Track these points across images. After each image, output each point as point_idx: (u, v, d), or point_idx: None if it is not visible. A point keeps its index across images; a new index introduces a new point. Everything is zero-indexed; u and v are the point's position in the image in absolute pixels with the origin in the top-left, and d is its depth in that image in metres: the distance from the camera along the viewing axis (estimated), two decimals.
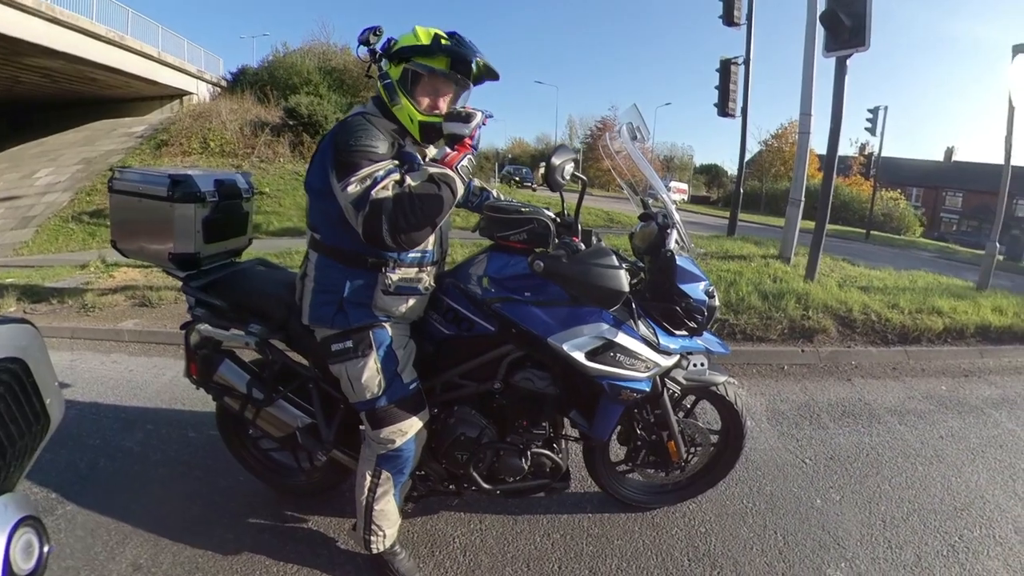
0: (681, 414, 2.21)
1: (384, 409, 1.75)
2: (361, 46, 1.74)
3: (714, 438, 2.30)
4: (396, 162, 1.60)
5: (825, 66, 6.59)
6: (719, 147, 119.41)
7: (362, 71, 1.84)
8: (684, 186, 42.52)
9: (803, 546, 2.35)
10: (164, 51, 18.94)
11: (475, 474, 1.96)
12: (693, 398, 2.30)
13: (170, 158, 14.63)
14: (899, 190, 39.30)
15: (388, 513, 1.87)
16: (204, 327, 2.03)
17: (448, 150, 1.61)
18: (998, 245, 8.92)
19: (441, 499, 2.30)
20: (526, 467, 1.96)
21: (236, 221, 2.29)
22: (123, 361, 4.27)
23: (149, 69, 18.04)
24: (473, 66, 1.70)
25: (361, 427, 1.89)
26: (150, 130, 16.89)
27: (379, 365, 1.73)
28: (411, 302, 1.78)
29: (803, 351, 4.78)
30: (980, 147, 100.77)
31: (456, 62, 1.67)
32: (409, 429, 1.78)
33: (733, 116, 11.30)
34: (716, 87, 11.19)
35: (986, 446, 3.55)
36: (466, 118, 1.60)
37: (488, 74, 1.78)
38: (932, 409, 4.08)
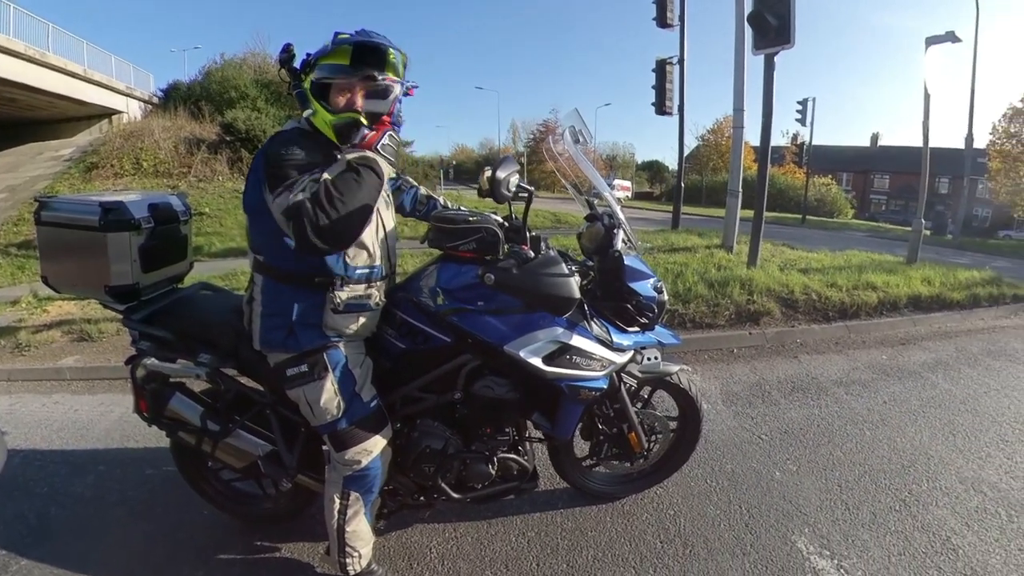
0: (639, 405, 2.28)
1: (346, 430, 1.72)
2: (282, 68, 1.67)
3: (673, 424, 2.39)
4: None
5: (755, 63, 6.88)
6: (659, 144, 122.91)
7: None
8: (628, 183, 43.36)
9: (767, 517, 2.47)
10: (90, 68, 17.84)
11: (444, 485, 1.97)
12: (650, 389, 2.37)
13: (101, 182, 13.89)
14: (830, 176, 41.49)
15: (361, 533, 1.85)
16: (150, 361, 1.94)
17: (366, 131, 1.53)
18: (923, 221, 9.55)
19: (414, 511, 2.29)
20: (493, 473, 1.98)
21: (175, 246, 2.18)
22: (66, 401, 4.04)
23: (74, 87, 16.95)
24: (382, 53, 1.61)
25: (325, 448, 1.86)
26: (78, 152, 16.04)
27: (336, 386, 1.70)
28: (363, 319, 1.75)
29: (750, 334, 4.98)
30: (903, 132, 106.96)
31: (359, 54, 1.58)
32: (374, 448, 1.77)
33: (670, 114, 11.70)
34: (653, 87, 11.59)
35: (926, 406, 3.83)
36: (382, 92, 1.56)
37: (399, 57, 1.68)
38: (874, 377, 4.35)
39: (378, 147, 1.52)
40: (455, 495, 2.00)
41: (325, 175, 1.46)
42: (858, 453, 3.10)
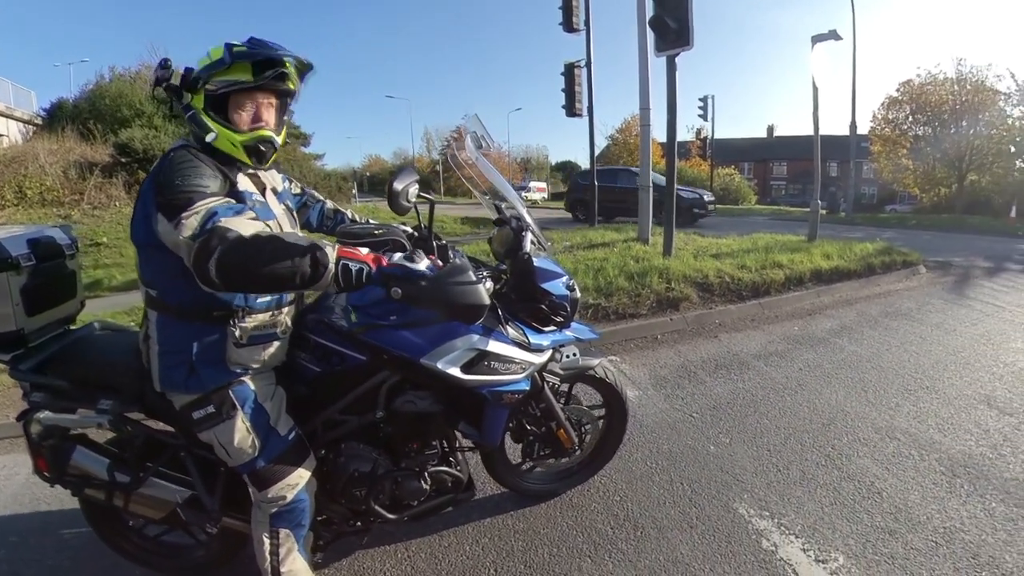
0: (563, 401, 2.31)
1: (266, 468, 1.63)
2: (158, 86, 1.54)
3: (599, 414, 2.44)
4: (232, 200, 1.42)
5: (659, 64, 7.19)
6: (572, 145, 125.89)
7: None
8: (544, 185, 44.17)
9: (708, 489, 2.60)
10: None
11: (377, 507, 1.90)
12: (572, 384, 2.40)
13: None
14: (733, 166, 44.10)
15: (297, 571, 1.75)
16: (45, 415, 1.75)
17: (366, 249, 1.37)
18: (819, 202, 10.36)
19: (358, 537, 2.20)
20: (427, 488, 1.94)
21: (62, 284, 1.96)
22: None
23: None
24: (282, 63, 1.53)
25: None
26: None
27: (249, 424, 1.60)
28: (270, 349, 1.66)
29: (672, 319, 5.19)
30: (796, 122, 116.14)
31: (260, 66, 1.50)
32: (298, 481, 1.68)
33: (580, 115, 12.07)
34: (563, 90, 11.90)
35: (837, 368, 4.18)
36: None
37: (301, 66, 1.60)
38: (789, 348, 4.66)
39: (347, 263, 1.29)
40: (391, 516, 1.94)
41: (281, 228, 1.38)
42: (782, 418, 3.32)
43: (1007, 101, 26.20)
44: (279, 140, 1.63)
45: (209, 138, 1.51)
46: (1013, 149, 26.12)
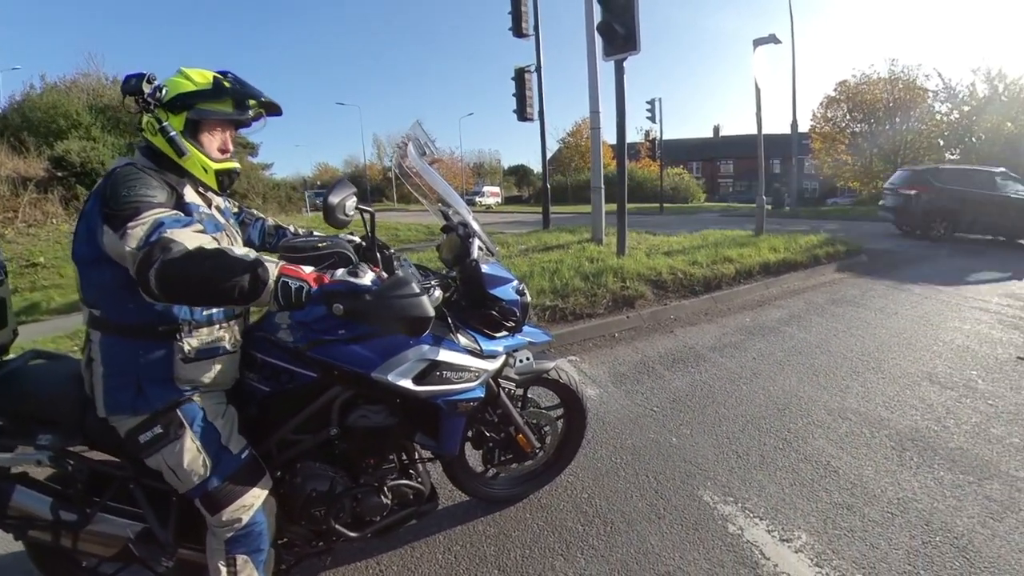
0: (521, 405, 2.31)
1: (219, 489, 1.56)
2: (128, 96, 1.51)
3: (558, 414, 2.45)
4: (179, 212, 1.43)
5: (608, 68, 7.30)
6: (524, 149, 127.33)
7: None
8: (497, 189, 44.35)
9: (673, 480, 2.65)
10: None
11: (339, 526, 1.85)
12: (529, 388, 2.39)
13: None
14: (682, 166, 45.47)
15: None
16: None
17: (310, 268, 1.37)
18: (764, 198, 10.78)
19: (335, 555, 2.16)
20: (388, 502, 1.90)
21: None
22: None
23: None
24: (259, 104, 1.64)
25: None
26: None
27: (199, 443, 1.55)
28: (219, 365, 1.61)
29: (628, 317, 5.26)
30: (741, 121, 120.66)
31: (240, 100, 1.60)
32: (253, 501, 1.61)
33: (532, 120, 12.16)
34: (514, 94, 11.97)
35: (789, 355, 4.33)
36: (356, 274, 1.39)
37: (272, 109, 1.71)
38: (742, 338, 4.79)
39: (288, 281, 1.28)
40: (353, 534, 1.89)
41: (230, 244, 1.37)
42: (739, 406, 3.41)
43: (935, 98, 28.09)
44: (239, 169, 1.71)
45: (183, 159, 1.54)
46: (942, 143, 28.04)
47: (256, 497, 1.62)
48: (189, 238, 1.28)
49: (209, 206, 1.67)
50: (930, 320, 5.38)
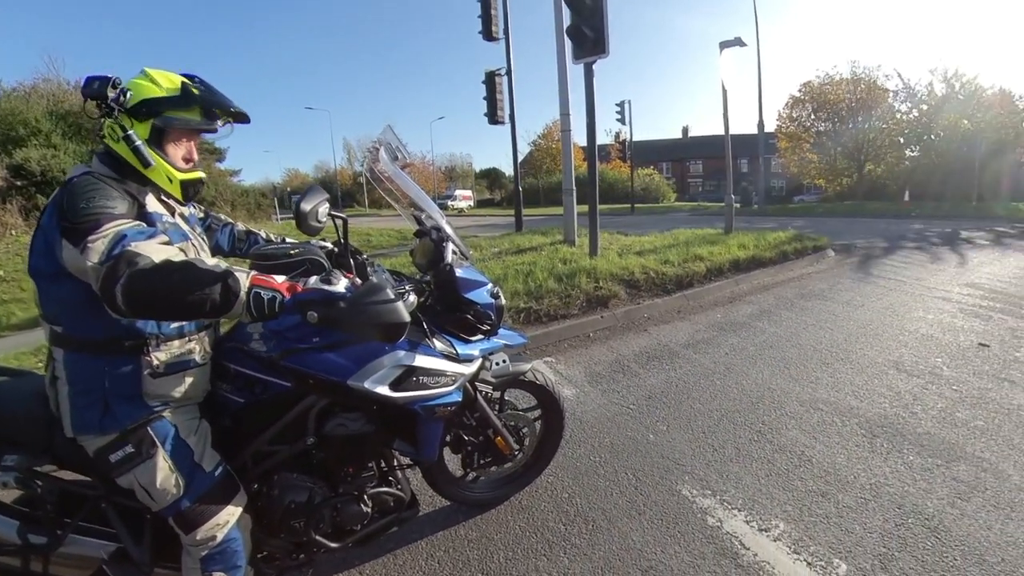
0: (498, 408, 2.30)
1: (192, 508, 1.53)
2: (90, 100, 1.46)
3: (535, 415, 2.46)
4: (142, 223, 1.38)
5: (577, 71, 7.35)
6: (495, 152, 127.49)
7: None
8: (469, 192, 44.29)
9: (652, 476, 2.67)
10: None
11: (319, 537, 1.82)
12: (505, 390, 2.39)
13: None
14: (652, 166, 46.15)
15: None
16: None
17: (282, 277, 1.35)
18: (733, 197, 11.00)
19: (317, 566, 2.12)
20: (368, 511, 1.88)
21: None
22: None
23: None
24: (230, 113, 1.61)
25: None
26: None
27: (171, 462, 1.50)
28: (190, 379, 1.57)
29: (602, 317, 5.30)
30: (709, 122, 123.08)
31: (208, 108, 1.55)
32: (229, 518, 1.58)
33: (503, 123, 12.19)
34: (485, 98, 11.98)
35: (760, 349, 4.42)
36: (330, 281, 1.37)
37: (240, 117, 1.66)
38: (715, 335, 4.87)
39: (260, 292, 1.27)
40: (334, 544, 1.87)
41: (197, 255, 1.34)
42: (714, 401, 3.47)
43: (895, 98, 29.35)
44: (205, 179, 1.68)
45: (148, 170, 1.49)
46: (902, 140, 29.25)
47: (231, 514, 1.59)
48: (155, 251, 1.24)
49: (173, 214, 1.62)
50: (896, 311, 5.55)
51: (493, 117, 12.11)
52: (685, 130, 60.20)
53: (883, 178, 30.33)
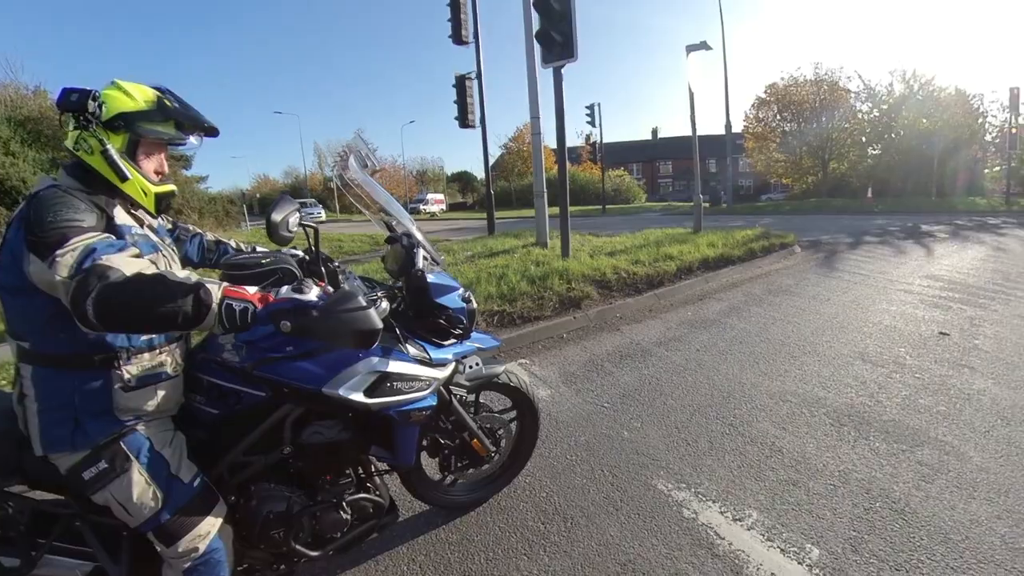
0: (473, 411, 2.32)
1: (172, 521, 1.50)
2: (67, 112, 1.44)
3: (511, 416, 2.48)
4: (111, 236, 1.37)
5: (547, 74, 7.44)
6: (466, 155, 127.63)
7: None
8: (441, 196, 44.02)
9: (628, 472, 2.72)
10: None
11: (299, 546, 1.81)
12: (480, 392, 2.41)
13: None
14: (622, 167, 46.78)
15: None
16: None
17: (254, 288, 1.35)
18: (701, 196, 11.21)
19: None
20: (347, 518, 1.88)
21: None
22: None
23: None
24: (202, 128, 1.61)
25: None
26: None
27: (147, 475, 1.48)
28: (162, 391, 1.55)
29: (575, 317, 5.35)
30: (678, 124, 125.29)
31: (180, 122, 1.55)
32: (209, 529, 1.56)
33: (473, 126, 12.24)
34: (455, 101, 11.99)
35: (730, 345, 4.52)
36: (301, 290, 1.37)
37: (210, 132, 1.67)
38: (686, 332, 4.95)
39: (232, 303, 1.27)
40: (314, 553, 1.86)
41: (167, 267, 1.34)
42: (686, 397, 3.54)
43: (857, 98, 30.38)
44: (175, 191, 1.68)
45: (124, 183, 1.48)
46: (864, 139, 30.32)
47: (211, 525, 1.57)
48: (126, 264, 1.23)
49: (142, 225, 1.60)
50: (860, 303, 5.72)
51: (464, 121, 12.14)
52: (655, 131, 61.20)
53: (847, 175, 31.34)
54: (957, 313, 5.28)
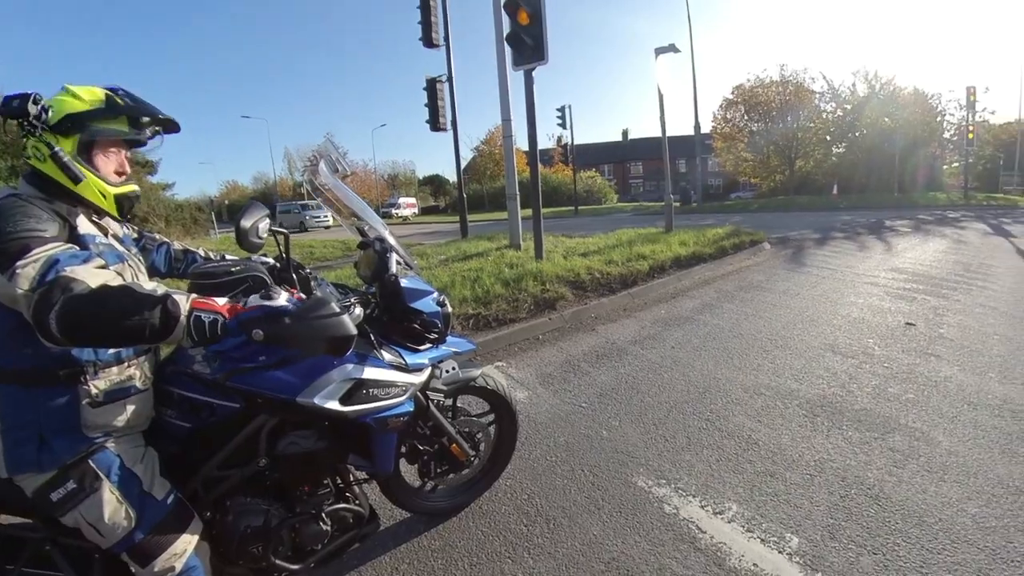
0: (451, 415, 2.31)
1: (147, 540, 1.45)
2: (10, 119, 1.39)
3: (489, 419, 2.47)
4: (74, 246, 1.32)
5: (518, 77, 7.49)
6: (438, 158, 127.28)
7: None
8: (413, 200, 43.79)
9: (608, 470, 2.73)
10: None
11: (279, 561, 1.77)
12: (458, 397, 2.40)
13: None
14: (594, 169, 47.20)
15: None
16: None
17: (223, 299, 1.32)
18: (672, 196, 11.38)
19: None
20: (327, 529, 1.85)
21: None
22: None
23: None
24: (158, 121, 1.56)
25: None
26: None
27: (118, 493, 1.43)
28: (132, 406, 1.50)
29: (550, 319, 5.36)
30: (648, 125, 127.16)
31: (134, 120, 1.50)
32: (185, 548, 1.52)
33: (445, 130, 12.22)
34: (426, 104, 11.96)
35: (704, 341, 4.58)
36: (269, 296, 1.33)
37: (169, 126, 1.62)
38: (660, 330, 5.01)
39: (201, 316, 1.24)
40: (295, 566, 1.82)
41: (132, 279, 1.29)
42: (663, 394, 3.57)
43: (821, 99, 31.31)
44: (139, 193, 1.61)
45: (78, 186, 1.43)
46: (829, 138, 31.29)
47: (187, 542, 1.53)
48: (91, 275, 1.20)
49: (106, 235, 1.55)
50: (829, 297, 5.87)
51: (435, 124, 12.11)
52: (625, 132, 61.94)
53: (813, 173, 32.18)
54: (922, 304, 5.45)
